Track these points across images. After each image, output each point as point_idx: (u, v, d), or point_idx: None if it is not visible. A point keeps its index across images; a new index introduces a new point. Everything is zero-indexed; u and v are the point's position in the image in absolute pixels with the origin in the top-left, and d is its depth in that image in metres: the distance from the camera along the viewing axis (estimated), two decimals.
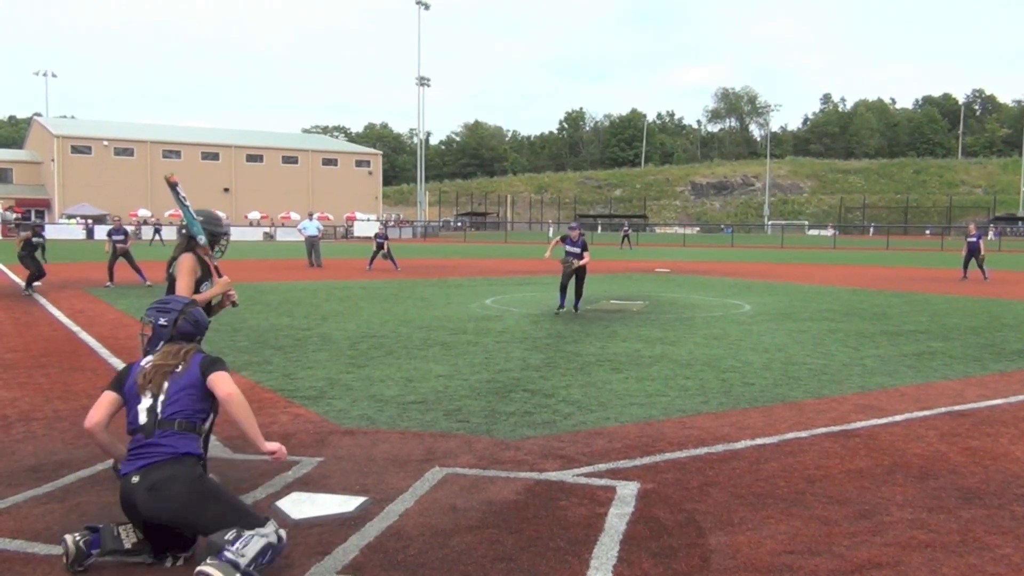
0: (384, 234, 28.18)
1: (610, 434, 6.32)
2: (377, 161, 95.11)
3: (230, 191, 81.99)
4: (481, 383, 8.21)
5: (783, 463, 5.59)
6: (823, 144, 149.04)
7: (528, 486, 5.06)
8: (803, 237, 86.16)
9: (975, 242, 24.16)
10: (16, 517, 4.50)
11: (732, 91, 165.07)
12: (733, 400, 7.57)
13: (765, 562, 3.95)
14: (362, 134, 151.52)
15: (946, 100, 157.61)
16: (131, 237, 20.69)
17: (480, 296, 17.70)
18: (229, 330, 11.85)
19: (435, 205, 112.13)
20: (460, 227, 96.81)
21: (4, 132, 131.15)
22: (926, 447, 6.02)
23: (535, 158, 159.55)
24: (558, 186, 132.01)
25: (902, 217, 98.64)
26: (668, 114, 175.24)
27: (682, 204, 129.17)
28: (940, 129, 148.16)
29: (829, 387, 8.20)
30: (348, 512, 4.58)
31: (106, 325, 12.42)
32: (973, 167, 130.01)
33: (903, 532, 4.36)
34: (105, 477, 5.20)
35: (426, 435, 6.25)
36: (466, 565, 3.90)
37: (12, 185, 78.36)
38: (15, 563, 3.90)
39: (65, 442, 6.02)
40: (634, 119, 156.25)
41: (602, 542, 4.18)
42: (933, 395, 7.86)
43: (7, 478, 5.17)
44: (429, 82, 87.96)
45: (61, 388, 7.90)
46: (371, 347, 10.44)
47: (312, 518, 4.48)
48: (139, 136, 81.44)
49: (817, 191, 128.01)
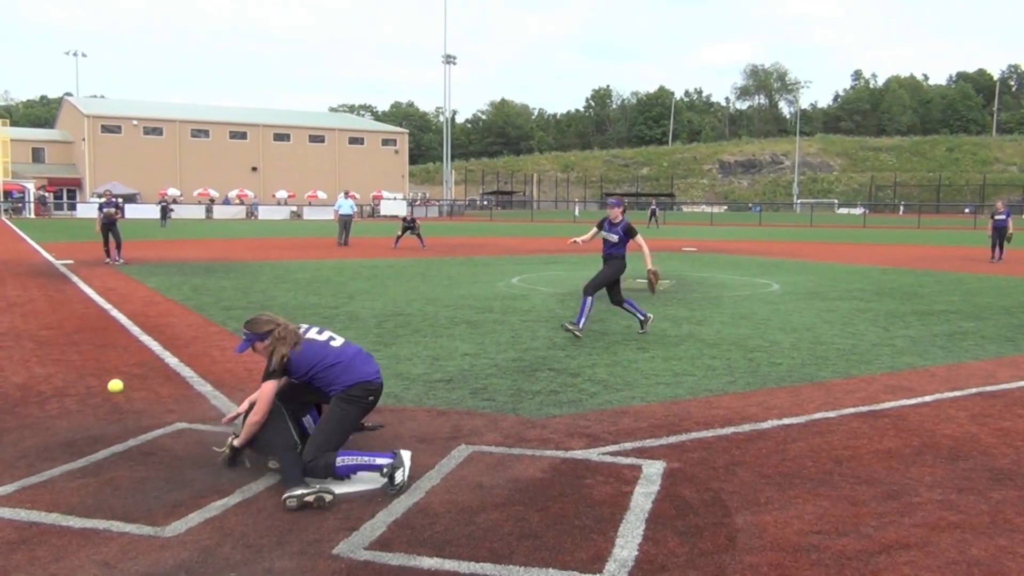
0: (412, 218, 28.74)
1: (636, 413, 6.32)
2: (403, 140, 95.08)
3: (258, 170, 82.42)
4: (507, 362, 8.23)
5: (810, 443, 5.57)
6: (854, 121, 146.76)
7: (554, 464, 5.08)
8: (832, 216, 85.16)
9: (1004, 220, 23.57)
10: (52, 491, 4.59)
11: (761, 68, 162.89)
12: (760, 380, 7.54)
13: (791, 542, 3.95)
14: (388, 113, 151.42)
15: (981, 76, 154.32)
16: (119, 211, 20.76)
17: (506, 275, 17.71)
18: (258, 308, 11.95)
19: (461, 184, 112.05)
20: (486, 206, 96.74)
21: (36, 112, 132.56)
22: (956, 428, 5.97)
23: (561, 136, 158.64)
24: (584, 165, 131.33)
25: (934, 196, 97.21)
26: (696, 91, 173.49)
27: (709, 183, 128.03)
28: (974, 106, 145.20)
29: (858, 367, 8.14)
30: (375, 489, 4.62)
31: (137, 303, 12.57)
32: (1008, 144, 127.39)
33: (932, 513, 4.33)
34: (137, 452, 5.29)
35: (452, 413, 6.29)
36: (492, 542, 3.93)
37: (44, 164, 79.23)
38: (51, 536, 3.99)
39: (98, 418, 6.12)
40: (661, 97, 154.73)
41: (628, 520, 4.19)
42: (964, 375, 7.78)
43: (43, 453, 5.27)
44: (455, 60, 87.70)
45: (94, 365, 8.02)
46: (397, 325, 10.49)
47: (340, 494, 4.53)
48: (168, 115, 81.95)
49: (847, 169, 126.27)
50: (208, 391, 6.97)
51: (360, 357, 5.05)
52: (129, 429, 5.81)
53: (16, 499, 4.46)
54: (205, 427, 5.87)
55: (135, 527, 4.09)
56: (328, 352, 4.92)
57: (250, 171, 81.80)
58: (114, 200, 20.72)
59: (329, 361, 4.87)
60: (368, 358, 5.13)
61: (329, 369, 4.85)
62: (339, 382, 4.84)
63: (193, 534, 4.00)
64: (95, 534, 4.01)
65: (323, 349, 4.92)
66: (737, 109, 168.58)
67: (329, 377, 4.85)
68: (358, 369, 4.93)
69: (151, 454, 5.26)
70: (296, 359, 4.81)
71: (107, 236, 19.93)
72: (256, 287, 14.94)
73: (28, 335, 9.61)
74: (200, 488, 4.62)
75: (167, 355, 8.51)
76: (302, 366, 4.84)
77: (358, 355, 5.05)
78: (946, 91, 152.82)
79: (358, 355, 5.05)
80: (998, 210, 24.14)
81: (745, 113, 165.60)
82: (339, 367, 4.87)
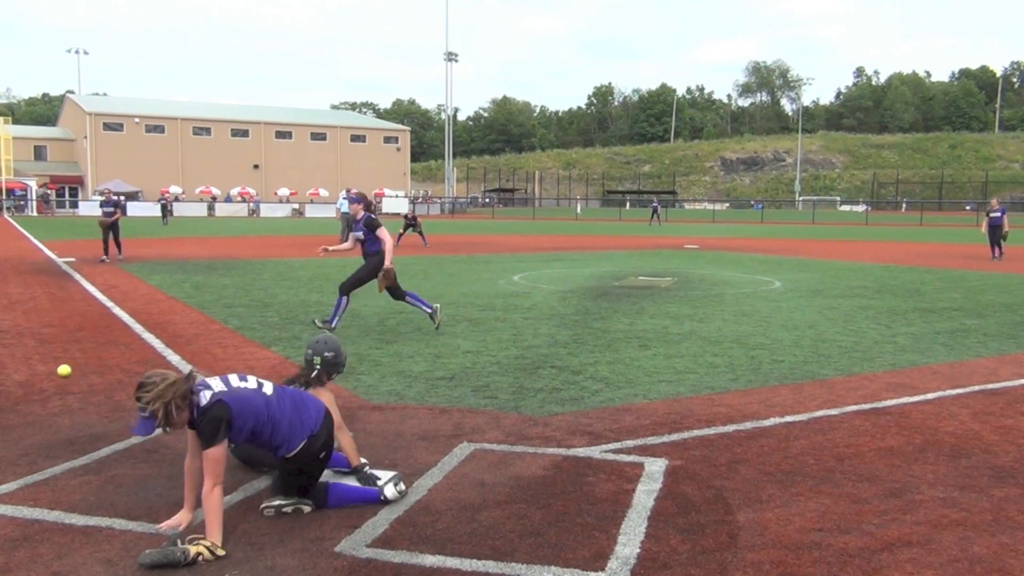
0: (414, 215, 29.12)
1: (638, 411, 6.32)
2: (405, 137, 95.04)
3: (259, 168, 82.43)
4: (509, 359, 8.23)
5: (812, 441, 5.56)
6: (856, 118, 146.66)
7: (556, 462, 5.08)
8: (835, 213, 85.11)
9: (999, 218, 23.54)
10: (54, 488, 4.60)
11: (763, 65, 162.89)
12: (762, 377, 7.53)
13: (793, 539, 3.94)
14: (390, 110, 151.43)
15: (983, 73, 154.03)
16: (119, 209, 20.83)
17: (508, 272, 17.71)
18: (260, 306, 11.97)
19: (463, 181, 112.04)
20: (488, 203, 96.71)
21: (38, 110, 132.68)
22: (958, 425, 5.96)
23: (563, 134, 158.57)
24: (586, 162, 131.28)
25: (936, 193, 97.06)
26: (698, 89, 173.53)
27: (711, 180, 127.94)
28: (977, 103, 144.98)
29: (860, 365, 8.13)
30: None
31: (139, 300, 12.58)
32: (1010, 141, 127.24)
33: (934, 510, 4.33)
34: (139, 450, 5.29)
35: (454, 411, 6.29)
36: (494, 540, 3.93)
37: (47, 162, 79.26)
38: (53, 533, 3.99)
39: (100, 415, 6.12)
40: (663, 94, 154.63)
41: (630, 518, 4.19)
42: (966, 373, 7.77)
43: (45, 450, 5.28)
44: (457, 58, 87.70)
45: (96, 362, 8.03)
46: (399, 323, 10.49)
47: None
48: (170, 113, 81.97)
49: (849, 166, 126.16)
50: None
51: (296, 408, 4.26)
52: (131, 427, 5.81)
53: (18, 497, 4.47)
54: None
55: (137, 525, 4.10)
56: (264, 404, 4.13)
57: (252, 169, 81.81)
58: (114, 199, 20.72)
59: (266, 417, 4.11)
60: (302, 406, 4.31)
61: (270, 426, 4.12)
62: (285, 445, 4.17)
63: (198, 530, 4.00)
64: (97, 532, 4.01)
65: (257, 399, 4.12)
66: (739, 106, 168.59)
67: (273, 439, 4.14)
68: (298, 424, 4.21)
69: (153, 452, 5.27)
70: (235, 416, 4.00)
71: (107, 235, 19.98)
72: (258, 285, 14.95)
73: (30, 333, 9.62)
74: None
75: (169, 352, 8.51)
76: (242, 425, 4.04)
77: (293, 406, 4.27)
78: (949, 88, 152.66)
79: (293, 406, 4.27)
80: (992, 208, 24.13)
81: (747, 110, 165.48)
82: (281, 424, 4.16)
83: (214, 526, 3.80)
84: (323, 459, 4.32)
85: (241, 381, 4.18)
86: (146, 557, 3.62)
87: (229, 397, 4.00)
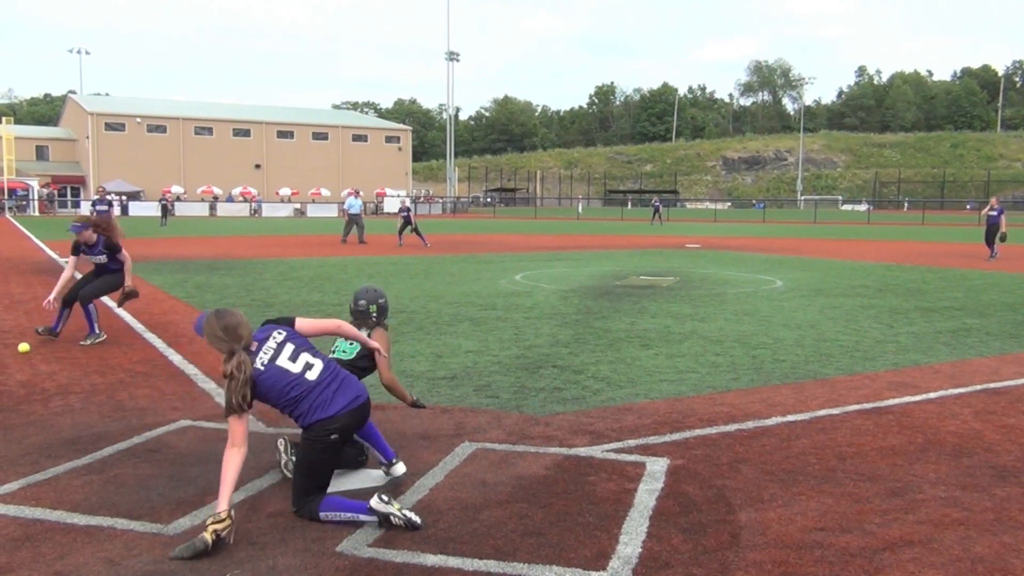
0: (407, 208, 28.62)
1: (639, 410, 6.32)
2: (407, 137, 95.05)
3: (261, 167, 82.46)
4: (510, 359, 8.23)
5: (814, 440, 5.56)
6: (858, 118, 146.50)
7: (557, 461, 5.08)
8: (836, 212, 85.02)
9: (996, 217, 23.45)
10: (56, 488, 4.60)
11: (765, 64, 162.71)
12: (764, 377, 7.53)
13: (795, 539, 3.94)
14: (392, 110, 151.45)
15: (985, 72, 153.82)
16: (112, 207, 20.38)
17: (509, 272, 17.70)
18: (261, 305, 11.98)
19: (464, 181, 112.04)
20: (489, 203, 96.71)
21: (40, 110, 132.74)
22: (960, 425, 5.95)
23: (565, 133, 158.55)
24: (588, 161, 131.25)
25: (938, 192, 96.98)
26: (700, 88, 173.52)
27: (713, 179, 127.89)
28: (979, 102, 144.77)
29: (861, 364, 8.12)
30: (379, 486, 4.62)
31: (140, 300, 12.55)
32: (1012, 140, 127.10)
33: (936, 510, 4.33)
34: (141, 450, 5.30)
35: (456, 410, 6.29)
36: (496, 539, 3.93)
37: (48, 162, 79.30)
38: (55, 533, 4.00)
39: (102, 415, 6.13)
40: (665, 93, 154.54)
41: (631, 517, 4.19)
42: (968, 372, 7.76)
43: (47, 450, 5.28)
44: (458, 57, 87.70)
45: (97, 362, 8.04)
46: (401, 323, 10.49)
47: (344, 492, 4.53)
48: (171, 113, 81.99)
49: (851, 165, 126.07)
50: (212, 388, 6.97)
51: (329, 387, 4.30)
52: (133, 426, 5.82)
53: (21, 496, 4.47)
54: (209, 424, 5.88)
55: (139, 524, 4.10)
56: (293, 382, 4.24)
57: (253, 168, 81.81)
58: (107, 197, 20.43)
59: (293, 394, 4.22)
60: (341, 388, 4.35)
61: (294, 403, 4.24)
62: (302, 419, 4.24)
63: (197, 531, 4.00)
64: (99, 531, 4.02)
65: (286, 378, 4.24)
66: (741, 105, 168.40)
67: (295, 411, 4.26)
68: (323, 403, 4.25)
69: (155, 451, 5.27)
70: (260, 385, 4.21)
71: None
72: (259, 284, 14.95)
73: (32, 332, 9.62)
74: (204, 485, 4.63)
75: (171, 352, 8.52)
76: (267, 393, 4.24)
77: (328, 385, 4.31)
78: (951, 87, 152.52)
79: (328, 385, 4.31)
80: (991, 207, 24.05)
81: (749, 109, 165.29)
82: (305, 401, 4.24)
83: (224, 491, 3.93)
84: (334, 443, 4.23)
85: (290, 362, 4.27)
86: (178, 553, 3.76)
87: (260, 376, 4.21)
